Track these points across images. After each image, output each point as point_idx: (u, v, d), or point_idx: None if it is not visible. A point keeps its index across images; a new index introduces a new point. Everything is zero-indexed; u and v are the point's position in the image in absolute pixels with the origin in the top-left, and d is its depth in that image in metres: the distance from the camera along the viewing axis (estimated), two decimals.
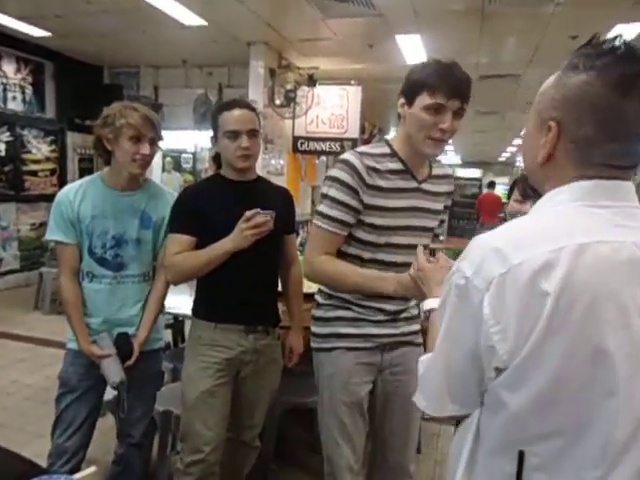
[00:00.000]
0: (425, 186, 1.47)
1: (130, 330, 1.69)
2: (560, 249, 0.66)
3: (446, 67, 1.32)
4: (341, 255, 1.46)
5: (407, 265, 1.38)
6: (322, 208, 1.41)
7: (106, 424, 2.25)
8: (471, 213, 15.19)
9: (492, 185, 11.77)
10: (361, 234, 1.42)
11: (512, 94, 6.88)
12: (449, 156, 16.37)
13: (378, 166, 1.39)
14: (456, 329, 0.73)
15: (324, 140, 5.57)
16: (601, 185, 0.71)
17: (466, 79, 1.33)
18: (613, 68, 0.69)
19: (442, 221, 1.61)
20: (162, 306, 1.78)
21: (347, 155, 1.40)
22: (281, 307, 1.86)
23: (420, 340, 1.61)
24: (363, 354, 1.50)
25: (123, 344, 1.64)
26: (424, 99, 1.31)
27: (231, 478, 1.85)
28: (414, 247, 1.36)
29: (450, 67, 1.32)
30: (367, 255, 1.44)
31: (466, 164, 16.76)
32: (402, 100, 1.37)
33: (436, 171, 1.51)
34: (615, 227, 0.69)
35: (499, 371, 0.69)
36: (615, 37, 0.71)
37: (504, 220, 1.74)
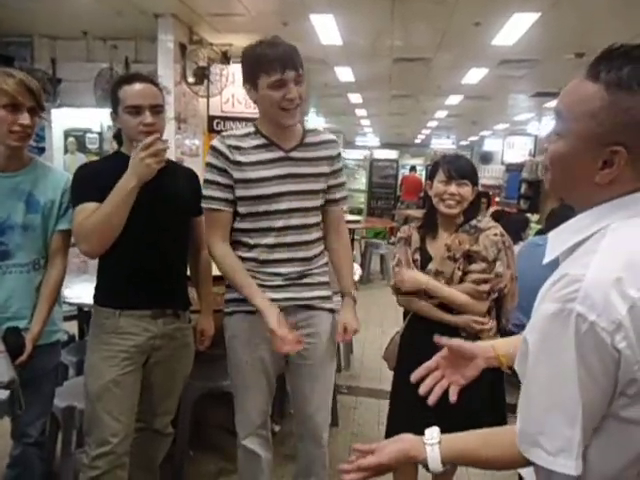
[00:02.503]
0: (295, 154, 1.58)
1: (21, 324, 1.56)
2: None
3: (270, 45, 1.47)
4: (233, 230, 1.60)
5: (286, 229, 1.56)
6: (203, 191, 1.58)
7: (2, 427, 2.08)
8: (389, 193, 15.71)
9: (414, 168, 14.15)
10: (240, 208, 1.57)
11: (424, 77, 7.12)
12: (368, 137, 16.76)
13: (241, 144, 1.54)
14: (588, 374, 0.69)
15: (240, 120, 5.41)
16: None
17: (291, 48, 1.48)
18: None
19: (340, 185, 1.69)
20: (57, 296, 1.65)
21: (213, 141, 1.57)
22: (192, 292, 1.83)
23: (330, 306, 1.69)
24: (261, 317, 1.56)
25: (13, 339, 1.51)
26: (264, 80, 1.46)
27: (144, 467, 1.81)
28: (298, 210, 1.57)
29: (273, 43, 1.47)
30: (250, 226, 1.57)
31: (384, 145, 17.23)
32: (247, 87, 1.52)
33: (310, 139, 1.62)
34: None
35: (626, 396, 0.69)
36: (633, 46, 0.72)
37: (424, 199, 1.80)
